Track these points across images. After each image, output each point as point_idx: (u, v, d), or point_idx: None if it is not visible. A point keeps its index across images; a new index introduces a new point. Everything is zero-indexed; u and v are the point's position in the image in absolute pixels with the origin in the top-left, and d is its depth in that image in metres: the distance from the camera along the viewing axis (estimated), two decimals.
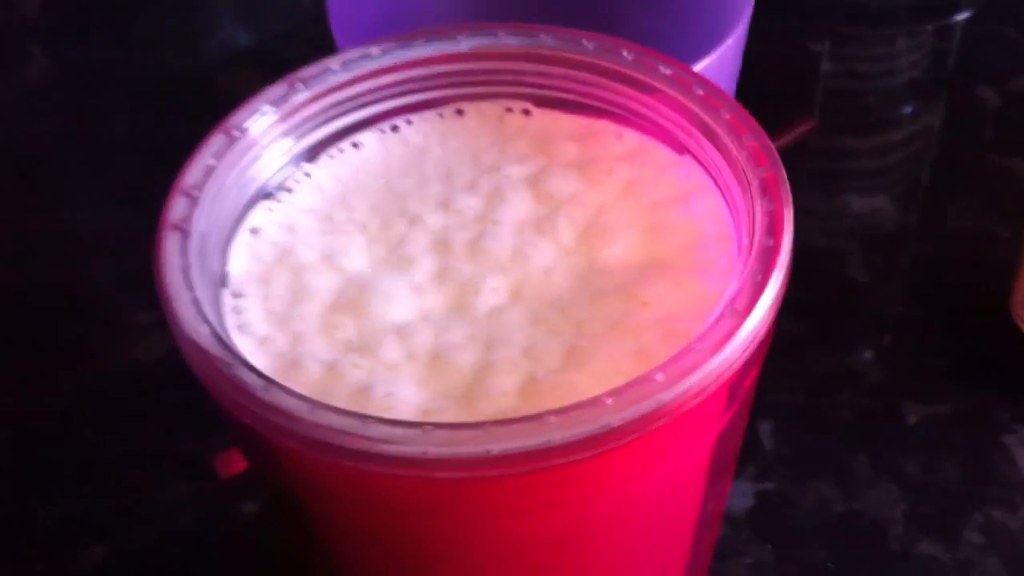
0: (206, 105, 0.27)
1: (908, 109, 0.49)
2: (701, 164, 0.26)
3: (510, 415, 0.21)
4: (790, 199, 0.23)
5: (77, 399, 0.40)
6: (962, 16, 0.53)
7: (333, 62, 0.27)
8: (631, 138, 0.27)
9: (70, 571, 0.35)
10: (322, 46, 0.34)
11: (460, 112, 0.28)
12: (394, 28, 0.28)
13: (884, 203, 0.45)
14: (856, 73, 0.51)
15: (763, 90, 0.49)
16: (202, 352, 0.21)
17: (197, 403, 0.21)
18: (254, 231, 0.26)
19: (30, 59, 0.48)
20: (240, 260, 0.25)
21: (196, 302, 0.22)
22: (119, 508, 0.37)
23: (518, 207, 0.26)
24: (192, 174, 0.24)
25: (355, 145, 0.28)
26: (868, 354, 0.40)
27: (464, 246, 0.25)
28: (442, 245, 0.25)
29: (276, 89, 0.27)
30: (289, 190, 0.27)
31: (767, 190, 0.23)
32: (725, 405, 0.22)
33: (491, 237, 0.25)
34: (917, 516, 0.35)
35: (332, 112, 0.27)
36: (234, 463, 0.30)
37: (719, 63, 0.32)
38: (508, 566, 0.24)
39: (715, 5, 0.36)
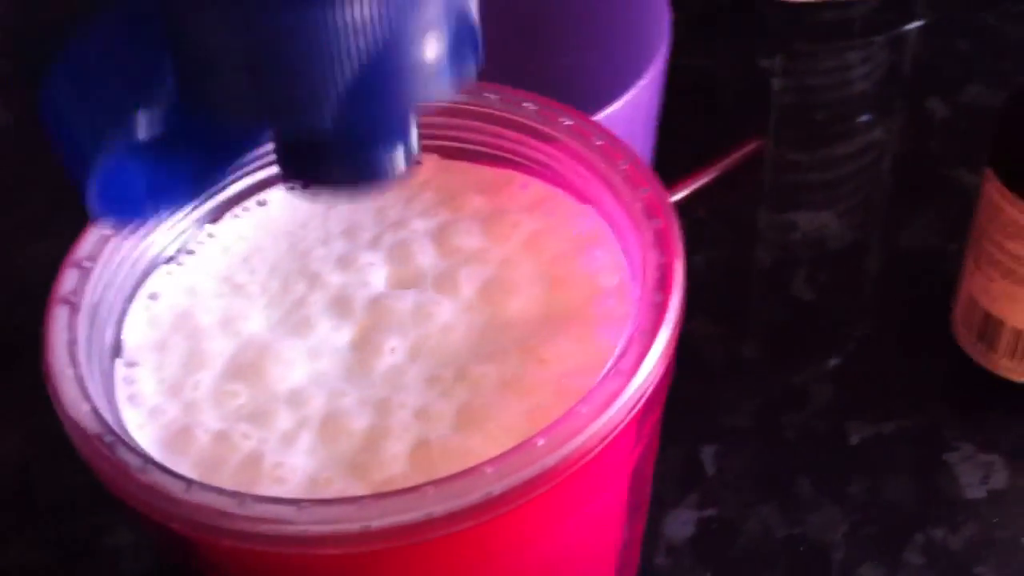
0: None
1: (859, 121, 0.49)
2: (602, 214, 0.26)
3: (399, 482, 0.21)
4: (682, 253, 0.23)
5: (24, 443, 0.39)
6: (914, 26, 0.53)
7: None
8: (536, 188, 0.27)
9: None
10: None
11: None
12: None
13: (831, 219, 0.45)
14: (807, 87, 0.51)
15: (714, 107, 0.49)
16: (82, 431, 0.21)
17: None
18: (152, 296, 0.25)
19: None
20: (136, 328, 0.25)
21: (79, 379, 0.21)
22: (63, 555, 0.36)
23: (421, 262, 0.26)
24: (85, 245, 0.24)
25: (260, 203, 0.28)
26: (812, 374, 0.39)
27: (364, 305, 0.25)
28: (342, 305, 0.25)
29: None
30: (191, 252, 0.27)
31: (660, 242, 0.23)
32: (625, 455, 0.22)
33: (392, 296, 0.25)
34: (859, 538, 0.35)
35: (236, 171, 0.27)
36: None
37: (633, 103, 0.32)
38: None
39: (634, 39, 0.36)
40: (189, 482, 0.20)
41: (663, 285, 0.22)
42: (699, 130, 0.47)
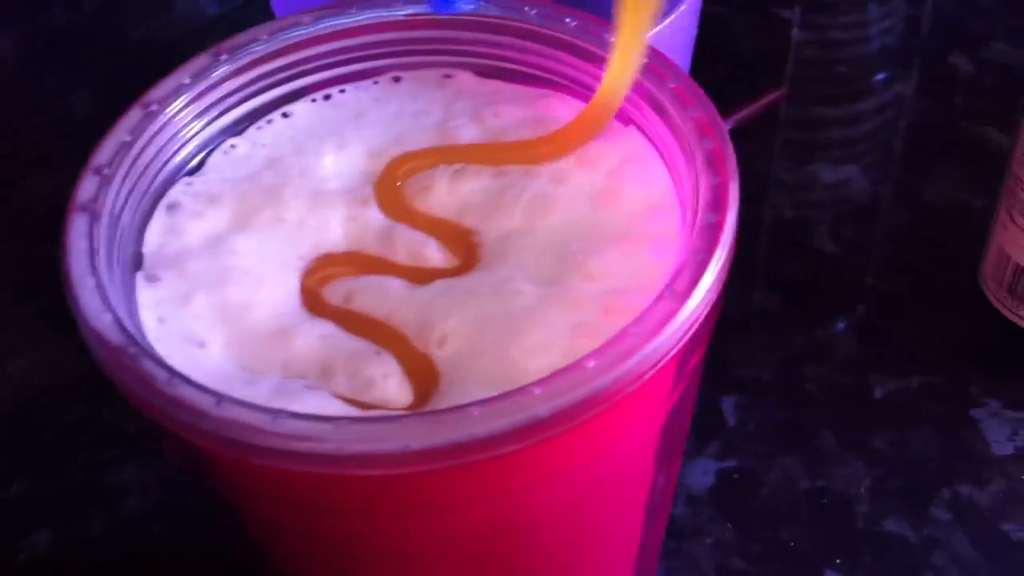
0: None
1: (880, 77, 0.48)
2: (646, 135, 0.24)
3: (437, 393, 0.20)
4: (736, 174, 0.22)
5: (24, 378, 0.39)
6: None
7: (261, 31, 0.26)
8: (574, 108, 0.26)
9: (12, 559, 0.34)
10: None
11: (397, 79, 0.27)
12: None
13: (854, 173, 0.44)
14: (827, 41, 0.50)
15: (733, 57, 0.48)
16: (104, 342, 0.19)
17: None
18: (172, 207, 0.24)
19: None
20: (156, 239, 0.24)
21: (100, 288, 0.20)
22: (64, 491, 0.35)
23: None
24: (104, 152, 0.23)
25: (285, 115, 0.26)
26: (836, 328, 0.39)
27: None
28: (371, 210, 0.24)
29: (199, 61, 0.25)
30: (211, 164, 0.25)
31: (712, 163, 0.22)
32: (670, 387, 0.21)
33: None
34: (883, 492, 0.34)
35: (260, 84, 0.26)
36: None
37: (671, 32, 0.31)
38: (448, 561, 0.22)
39: None
40: (219, 396, 0.19)
41: (718, 206, 0.21)
42: (716, 80, 0.46)
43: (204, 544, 0.34)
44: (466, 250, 0.24)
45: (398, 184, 0.25)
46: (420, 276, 0.23)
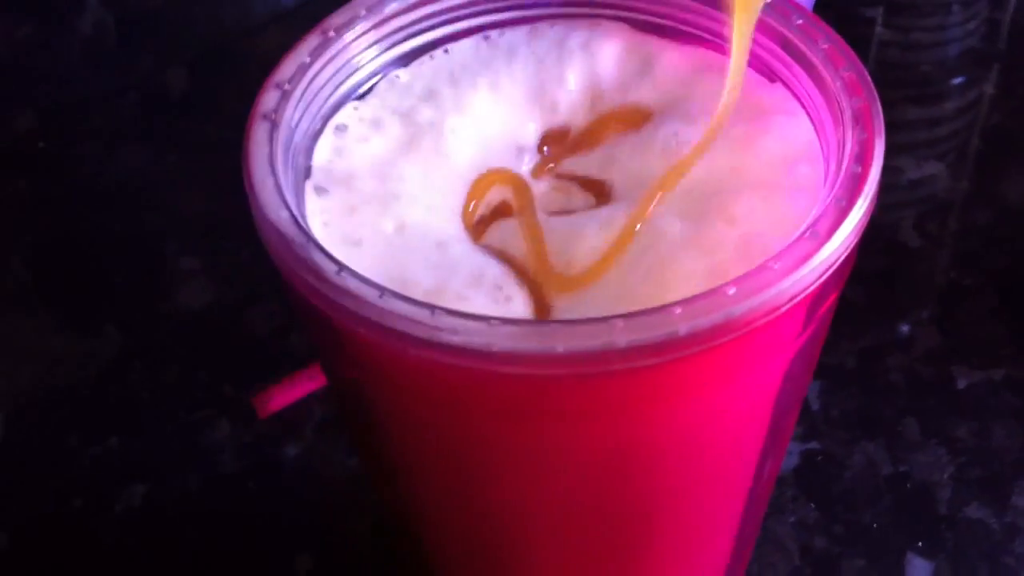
0: (252, 64, 0.27)
1: (961, 79, 0.48)
2: (793, 92, 0.25)
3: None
4: (883, 131, 0.22)
5: (121, 341, 0.41)
6: None
7: None
8: (721, 62, 0.27)
9: (110, 510, 0.36)
10: None
11: (550, 25, 0.28)
12: None
13: (938, 170, 0.44)
14: (910, 42, 0.50)
15: None
16: (280, 235, 0.21)
17: (239, 350, 0.21)
18: (339, 128, 0.26)
19: (84, 7, 0.48)
20: (325, 156, 0.25)
21: (278, 188, 0.22)
22: (160, 449, 0.37)
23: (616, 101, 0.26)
24: (285, 69, 0.25)
25: (446, 52, 0.28)
26: (919, 319, 0.39)
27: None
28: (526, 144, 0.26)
29: None
30: (377, 91, 0.27)
31: (860, 119, 0.23)
32: (800, 328, 0.22)
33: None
34: (965, 480, 0.35)
35: (426, 23, 0.28)
36: (272, 402, 0.30)
37: None
38: (570, 474, 0.24)
39: None
40: (382, 289, 0.20)
41: (863, 158, 0.22)
42: None
43: (295, 501, 0.36)
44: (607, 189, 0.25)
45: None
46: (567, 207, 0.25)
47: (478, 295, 0.23)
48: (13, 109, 0.49)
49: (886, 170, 0.44)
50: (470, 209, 0.25)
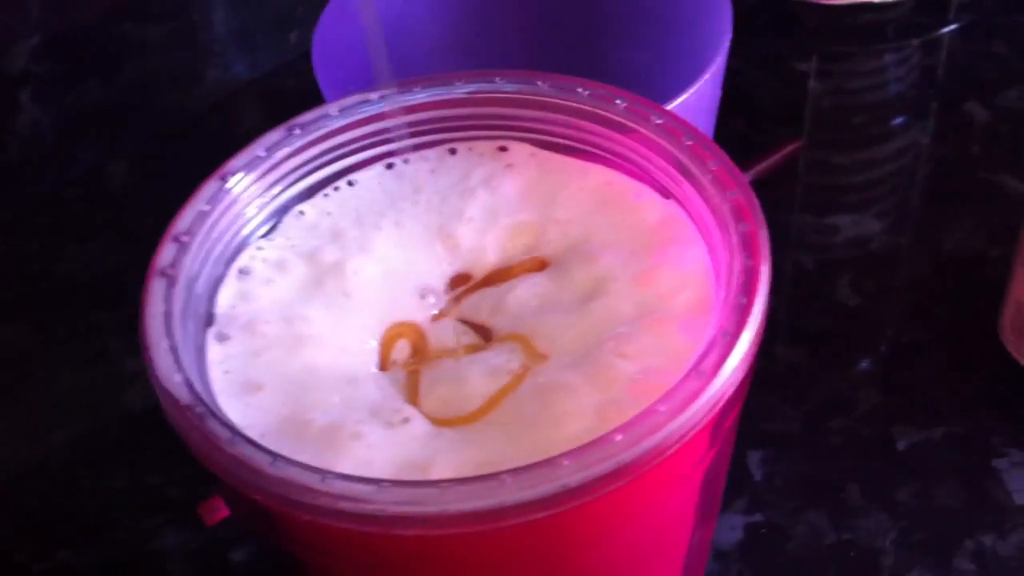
0: (203, 144, 0.27)
1: (896, 123, 0.48)
2: (686, 211, 0.26)
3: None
4: (768, 257, 0.23)
5: (67, 447, 0.40)
6: (949, 30, 0.52)
7: (331, 108, 0.28)
8: (622, 183, 0.27)
9: None
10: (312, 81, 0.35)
11: (453, 151, 0.29)
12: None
13: (873, 223, 0.44)
14: (844, 90, 0.50)
15: (751, 110, 0.49)
16: (174, 401, 0.21)
17: (185, 451, 0.21)
18: (243, 272, 0.26)
19: (19, 109, 0.48)
20: (227, 301, 0.25)
21: (174, 350, 0.22)
22: (109, 559, 0.37)
23: (517, 241, 0.27)
24: (184, 220, 0.25)
25: (351, 184, 0.28)
26: (859, 380, 0.39)
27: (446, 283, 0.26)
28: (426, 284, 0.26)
29: (273, 135, 0.27)
30: (282, 228, 0.27)
31: (747, 245, 0.23)
32: (705, 449, 0.22)
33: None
34: (908, 544, 0.35)
35: (328, 156, 0.28)
36: (219, 510, 0.31)
37: (697, 97, 0.32)
38: None
39: (694, 39, 0.36)
40: (274, 456, 0.20)
41: (748, 288, 0.22)
42: (735, 133, 0.47)
43: None
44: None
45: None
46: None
47: (373, 427, 0.23)
48: None
49: (823, 229, 0.44)
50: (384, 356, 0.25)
